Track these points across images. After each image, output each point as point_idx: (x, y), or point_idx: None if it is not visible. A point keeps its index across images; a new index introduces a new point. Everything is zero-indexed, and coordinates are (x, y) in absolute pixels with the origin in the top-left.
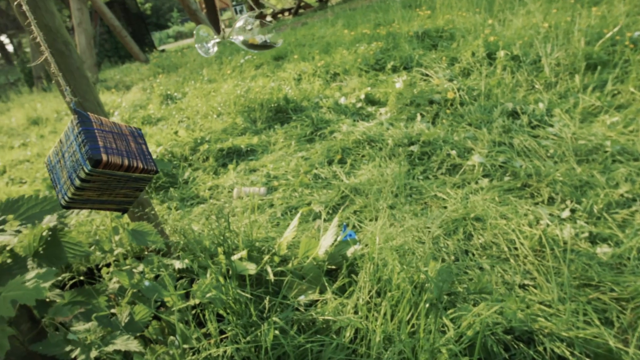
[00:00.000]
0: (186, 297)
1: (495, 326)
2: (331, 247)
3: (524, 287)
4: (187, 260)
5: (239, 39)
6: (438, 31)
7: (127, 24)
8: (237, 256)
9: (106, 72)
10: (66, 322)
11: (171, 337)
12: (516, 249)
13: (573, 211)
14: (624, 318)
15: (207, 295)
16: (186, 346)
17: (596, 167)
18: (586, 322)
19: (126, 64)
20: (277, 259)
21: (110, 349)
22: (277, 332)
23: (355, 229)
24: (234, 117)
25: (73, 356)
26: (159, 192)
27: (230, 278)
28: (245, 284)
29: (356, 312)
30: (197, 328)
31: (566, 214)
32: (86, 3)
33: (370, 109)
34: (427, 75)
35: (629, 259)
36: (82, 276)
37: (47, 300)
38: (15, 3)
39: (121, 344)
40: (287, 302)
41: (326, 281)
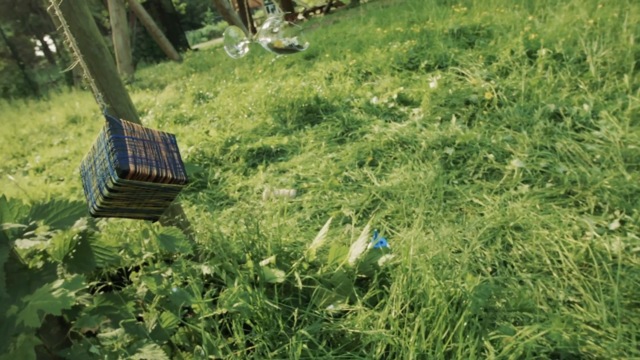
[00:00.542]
0: (214, 303)
1: (539, 350)
2: (362, 255)
3: (568, 304)
4: (215, 267)
5: (265, 41)
6: (475, 28)
7: (162, 24)
8: (265, 262)
9: (141, 71)
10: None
11: (197, 347)
12: (560, 262)
13: (623, 222)
14: None
15: (235, 305)
16: (212, 357)
17: None
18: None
19: (161, 63)
20: (305, 265)
21: (136, 357)
22: (305, 346)
23: (386, 235)
24: (264, 116)
25: None
26: (189, 192)
27: (258, 286)
28: (273, 291)
29: (388, 327)
30: (224, 338)
31: (615, 225)
32: (124, 4)
33: (403, 109)
34: (463, 75)
35: None
36: (111, 281)
37: (77, 304)
38: (49, 7)
39: (147, 352)
40: (316, 312)
41: (356, 291)
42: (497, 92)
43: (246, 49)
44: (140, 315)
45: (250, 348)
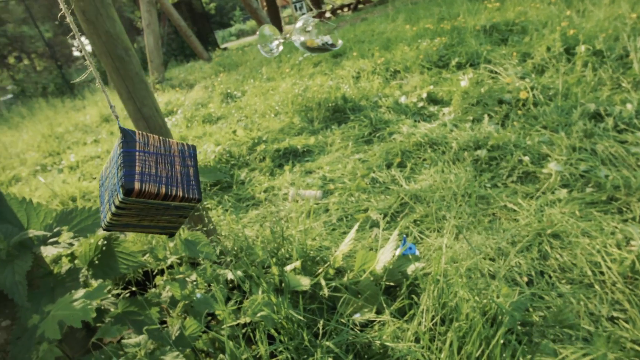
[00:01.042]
0: (238, 310)
1: None
2: (390, 263)
3: (612, 320)
4: (239, 273)
5: (299, 40)
6: (508, 24)
7: (192, 24)
8: (290, 267)
9: (172, 70)
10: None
11: (220, 356)
12: (602, 273)
13: None
14: None
15: (259, 314)
16: None
17: None
18: None
19: (190, 62)
20: (331, 271)
21: None
22: None
23: (415, 240)
24: (291, 116)
25: None
26: (216, 193)
27: (283, 294)
28: (298, 298)
29: (417, 340)
30: (248, 347)
31: None
32: (155, 5)
33: (433, 108)
34: (496, 73)
35: None
36: (136, 286)
37: (102, 308)
38: (61, 15)
39: None
40: (342, 321)
41: (384, 300)
42: (532, 91)
43: (280, 48)
44: (164, 319)
45: (274, 359)
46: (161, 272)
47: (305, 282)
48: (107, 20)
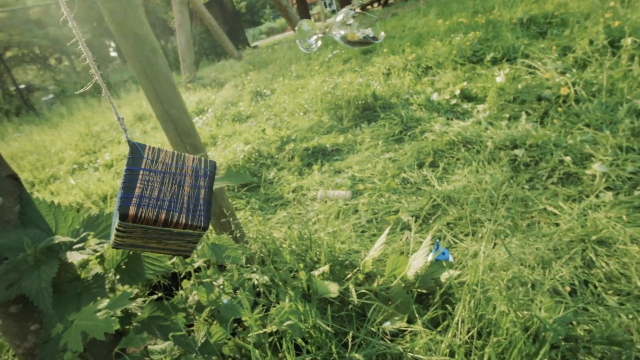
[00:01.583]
0: (266, 316)
1: None
2: (422, 269)
3: None
4: (266, 278)
5: (339, 33)
6: (547, 17)
7: (223, 23)
8: (318, 271)
9: (203, 69)
10: (144, 338)
11: None
12: None
13: None
14: None
15: (285, 323)
16: None
17: None
18: None
19: (221, 61)
20: (360, 276)
21: None
22: None
23: (448, 245)
24: (320, 114)
25: None
26: (245, 193)
27: (310, 301)
28: (326, 304)
29: (452, 354)
30: (274, 356)
31: None
32: (187, 5)
33: (467, 106)
34: (534, 68)
35: None
36: (163, 290)
37: (129, 312)
38: (63, 20)
39: None
40: (372, 329)
41: (416, 309)
42: (574, 87)
43: (319, 43)
44: (191, 324)
45: None
46: (188, 275)
47: (333, 289)
48: (135, 21)
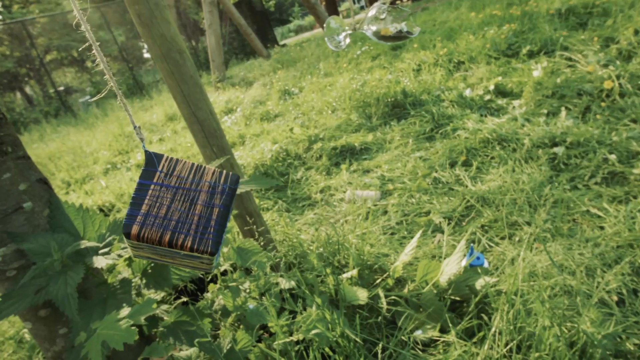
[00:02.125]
0: (293, 321)
1: None
2: (455, 275)
3: None
4: (293, 283)
5: (371, 29)
6: (587, 6)
7: (252, 22)
8: (346, 275)
9: (232, 69)
10: (170, 344)
11: None
12: None
13: None
14: None
15: (312, 332)
16: None
17: None
18: None
19: (250, 60)
20: (390, 281)
21: None
22: None
23: (483, 249)
24: (348, 112)
25: None
26: (272, 193)
27: (338, 307)
28: (355, 310)
29: None
30: None
31: None
32: (217, 5)
33: (501, 101)
34: (574, 61)
35: None
36: (188, 295)
37: (155, 316)
38: (75, 23)
39: None
40: (402, 338)
41: (449, 318)
42: (618, 80)
43: (347, 40)
44: (217, 327)
45: None
46: (215, 278)
47: (362, 296)
48: (162, 23)
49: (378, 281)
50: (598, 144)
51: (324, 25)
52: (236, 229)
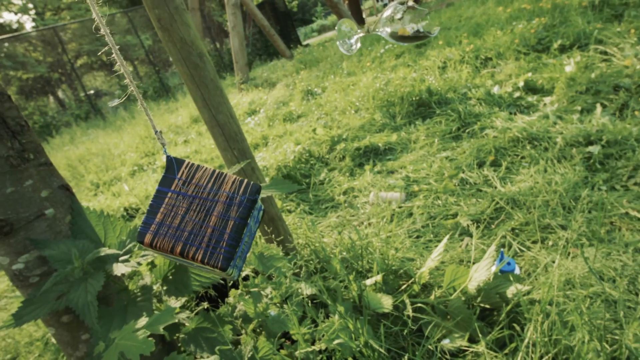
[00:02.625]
0: (315, 328)
1: None
2: (485, 282)
3: None
4: (314, 290)
5: (386, 31)
6: None
7: (275, 23)
8: (370, 281)
9: (256, 70)
10: (192, 351)
11: None
12: None
13: None
14: None
15: (335, 342)
16: None
17: None
18: None
19: (274, 61)
20: (416, 287)
21: None
22: None
23: (514, 253)
24: (372, 112)
25: None
26: (295, 195)
27: (362, 314)
28: (379, 318)
29: None
30: None
31: None
32: (240, 7)
33: (532, 98)
34: (609, 54)
35: None
36: (209, 301)
37: (177, 322)
38: (101, 29)
39: None
40: (429, 347)
41: (478, 327)
42: None
43: (358, 44)
44: (239, 333)
45: None
46: (236, 282)
47: (387, 303)
48: (182, 26)
49: (403, 287)
50: (637, 142)
51: (336, 28)
52: (258, 233)
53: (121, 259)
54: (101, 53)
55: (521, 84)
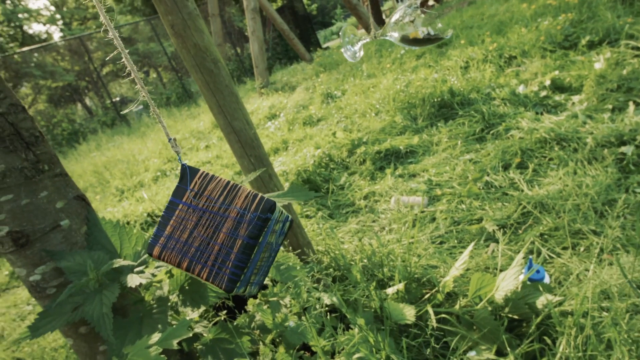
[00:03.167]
0: (335, 338)
1: None
2: (513, 292)
3: None
4: (334, 299)
5: (394, 35)
6: None
7: (295, 26)
8: (392, 289)
9: (276, 74)
10: None
11: None
12: None
13: None
14: None
15: (355, 356)
16: None
17: None
18: None
19: (293, 64)
20: (440, 296)
21: None
22: None
23: (543, 260)
24: (392, 114)
25: None
26: (315, 199)
27: (383, 324)
28: (401, 329)
29: None
30: None
31: None
32: (259, 12)
33: (559, 97)
34: None
35: None
36: (227, 312)
37: (194, 333)
38: (104, 30)
39: None
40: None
41: (506, 339)
42: None
43: (362, 52)
44: (257, 345)
45: None
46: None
47: (409, 314)
48: (195, 32)
49: (426, 296)
50: None
51: (340, 34)
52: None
53: (136, 270)
54: (109, 57)
55: (548, 82)
